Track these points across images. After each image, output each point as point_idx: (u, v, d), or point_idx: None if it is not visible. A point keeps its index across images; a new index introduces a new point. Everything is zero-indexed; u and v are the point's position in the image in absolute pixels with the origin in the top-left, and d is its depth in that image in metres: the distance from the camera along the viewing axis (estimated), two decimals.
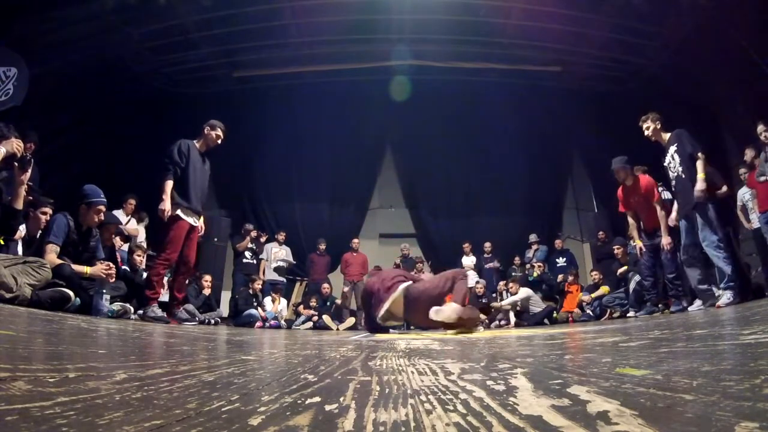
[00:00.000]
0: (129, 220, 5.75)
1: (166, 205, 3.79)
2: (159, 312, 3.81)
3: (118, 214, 5.43)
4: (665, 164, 4.20)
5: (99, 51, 6.37)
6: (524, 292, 6.75)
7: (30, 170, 3.05)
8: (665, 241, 4.29)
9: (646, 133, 4.20)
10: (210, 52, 7.56)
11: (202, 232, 4.35)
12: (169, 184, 3.85)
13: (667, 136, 4.15)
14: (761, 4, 5.01)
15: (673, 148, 4.05)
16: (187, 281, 4.63)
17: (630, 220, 4.69)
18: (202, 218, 4.27)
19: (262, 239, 7.64)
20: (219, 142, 4.21)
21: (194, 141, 4.13)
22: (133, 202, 5.80)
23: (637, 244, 4.65)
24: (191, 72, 8.00)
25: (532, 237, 8.10)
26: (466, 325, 3.24)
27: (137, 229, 5.88)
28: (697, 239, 3.85)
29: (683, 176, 3.93)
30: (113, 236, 4.62)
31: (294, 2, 6.76)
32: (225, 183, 8.18)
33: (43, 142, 5.18)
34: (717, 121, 6.44)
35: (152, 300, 3.84)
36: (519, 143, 9.02)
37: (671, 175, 4.14)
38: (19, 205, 3.05)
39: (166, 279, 4.57)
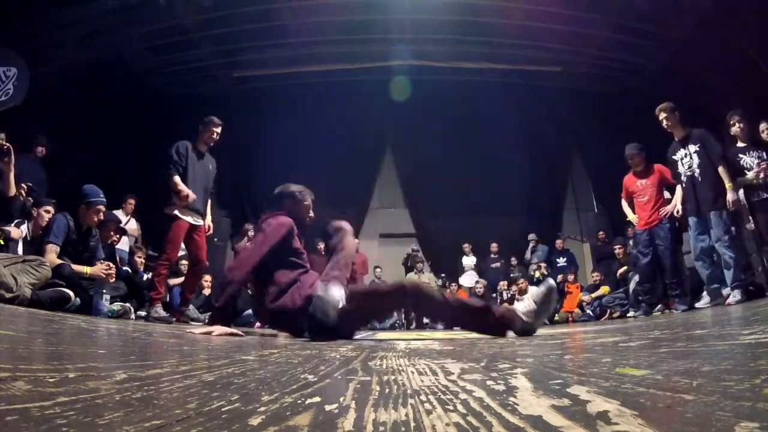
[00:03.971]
0: (128, 220, 5.75)
1: (185, 189, 3.79)
2: (162, 312, 3.83)
3: (118, 214, 5.42)
4: (676, 158, 4.16)
5: (99, 51, 6.37)
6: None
7: (12, 158, 3.05)
8: (670, 207, 4.36)
9: (663, 123, 4.16)
10: (210, 52, 7.56)
11: (210, 231, 4.37)
12: (177, 178, 3.84)
13: (683, 130, 4.13)
14: (761, 5, 5.01)
15: (693, 147, 4.04)
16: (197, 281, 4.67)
17: (625, 207, 4.78)
18: (209, 217, 4.27)
19: None
20: (215, 137, 4.12)
21: (192, 142, 4.07)
22: (132, 202, 5.80)
23: (630, 217, 4.72)
24: (191, 72, 8.00)
25: (531, 236, 8.12)
26: None
27: (136, 229, 5.87)
28: (708, 238, 3.93)
29: (700, 178, 3.98)
30: (111, 233, 4.61)
31: (294, 2, 6.76)
32: (225, 183, 8.17)
33: (38, 138, 5.19)
34: (717, 121, 6.44)
35: (156, 300, 3.86)
36: (519, 143, 9.02)
37: (682, 170, 4.12)
38: (11, 191, 3.07)
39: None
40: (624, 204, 4.79)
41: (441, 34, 7.43)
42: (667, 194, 4.70)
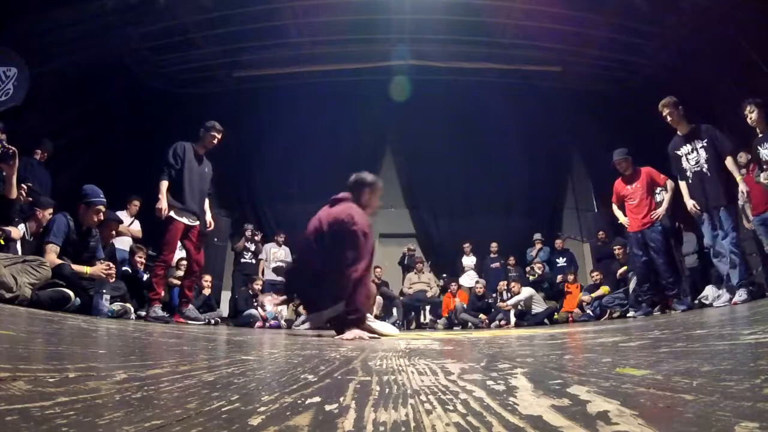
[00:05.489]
0: (132, 221, 5.71)
1: (163, 204, 3.91)
2: (161, 312, 3.90)
3: (122, 215, 5.38)
4: (679, 153, 4.09)
5: (99, 51, 6.36)
6: (527, 291, 6.75)
7: (17, 161, 3.08)
8: (660, 211, 4.40)
9: (667, 118, 4.08)
10: (210, 52, 7.56)
11: (212, 227, 4.49)
12: (164, 185, 3.96)
13: (688, 126, 4.07)
14: (761, 5, 5.01)
15: (700, 143, 3.98)
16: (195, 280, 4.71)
17: (616, 211, 4.83)
18: (209, 214, 4.38)
19: (257, 238, 7.63)
20: (215, 142, 4.25)
21: (192, 144, 4.19)
22: (137, 203, 5.72)
23: (622, 220, 4.75)
24: (191, 72, 8.00)
25: (537, 236, 8.10)
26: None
27: (139, 231, 5.84)
28: (721, 233, 3.87)
29: (708, 174, 3.91)
30: (112, 233, 4.61)
31: (294, 2, 6.76)
32: (225, 183, 8.18)
33: (42, 142, 5.19)
34: (717, 121, 6.43)
35: (154, 301, 3.93)
36: (519, 143, 9.01)
37: (687, 165, 4.05)
38: (13, 194, 3.09)
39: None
40: (615, 207, 4.86)
41: (441, 34, 7.43)
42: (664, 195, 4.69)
